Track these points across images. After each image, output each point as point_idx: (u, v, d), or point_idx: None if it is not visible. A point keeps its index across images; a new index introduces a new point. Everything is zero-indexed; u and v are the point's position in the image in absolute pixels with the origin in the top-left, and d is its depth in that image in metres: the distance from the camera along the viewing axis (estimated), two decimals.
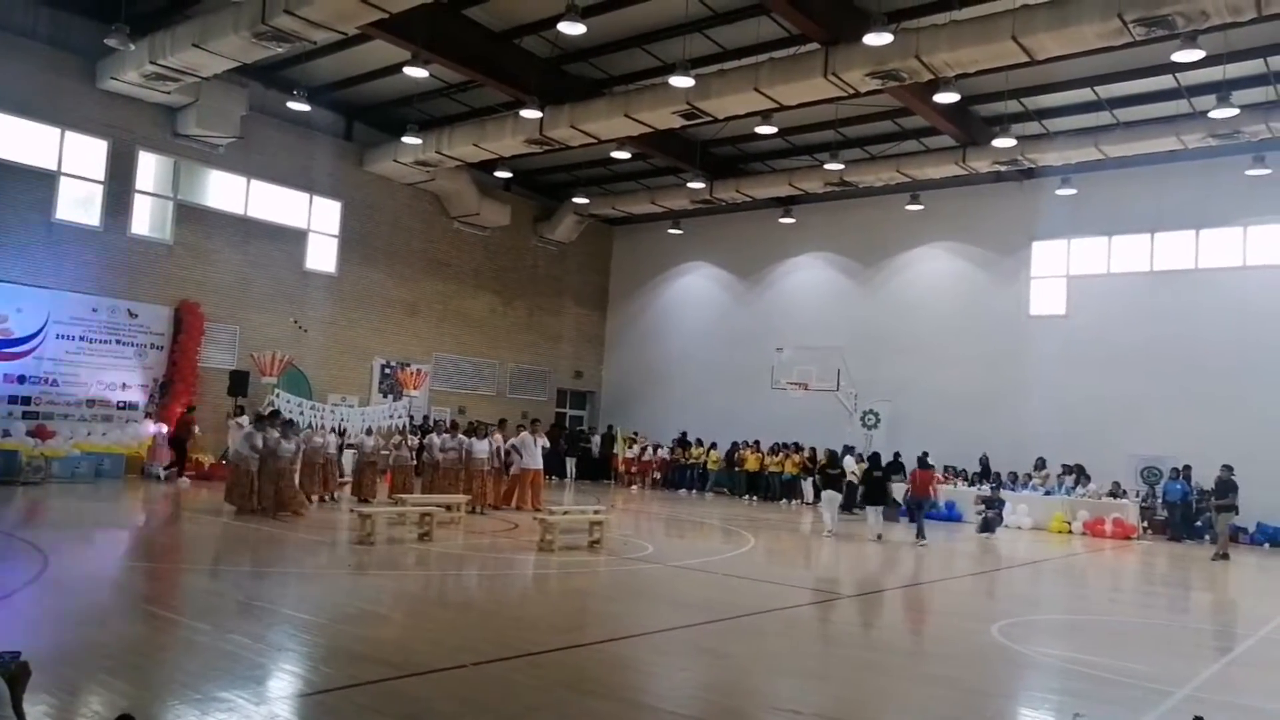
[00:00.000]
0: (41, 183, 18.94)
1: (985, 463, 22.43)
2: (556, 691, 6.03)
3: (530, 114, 19.38)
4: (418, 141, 21.75)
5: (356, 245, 24.59)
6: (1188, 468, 20.00)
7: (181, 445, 19.50)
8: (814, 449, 23.17)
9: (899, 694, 6.71)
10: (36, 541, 10.58)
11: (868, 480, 17.75)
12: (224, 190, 21.93)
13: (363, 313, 24.76)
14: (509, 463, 17.97)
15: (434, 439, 17.72)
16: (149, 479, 18.89)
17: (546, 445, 19.23)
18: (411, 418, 22.96)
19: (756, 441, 25.75)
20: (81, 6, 18.92)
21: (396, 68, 19.24)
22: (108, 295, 19.69)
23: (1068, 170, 21.84)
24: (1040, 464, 22.09)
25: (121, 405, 19.81)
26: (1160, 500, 20.51)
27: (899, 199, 24.47)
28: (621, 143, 22.08)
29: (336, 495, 17.25)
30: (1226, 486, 17.13)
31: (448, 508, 14.77)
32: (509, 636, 7.42)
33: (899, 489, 20.23)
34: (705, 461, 26.66)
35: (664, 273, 30.72)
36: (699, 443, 27.13)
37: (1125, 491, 20.59)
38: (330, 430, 18.90)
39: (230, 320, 21.73)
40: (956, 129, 20.39)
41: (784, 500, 24.25)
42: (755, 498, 24.68)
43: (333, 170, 23.88)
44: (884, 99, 18.94)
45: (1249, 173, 19.74)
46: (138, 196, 20.45)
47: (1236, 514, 17.52)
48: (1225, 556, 16.44)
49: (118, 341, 19.81)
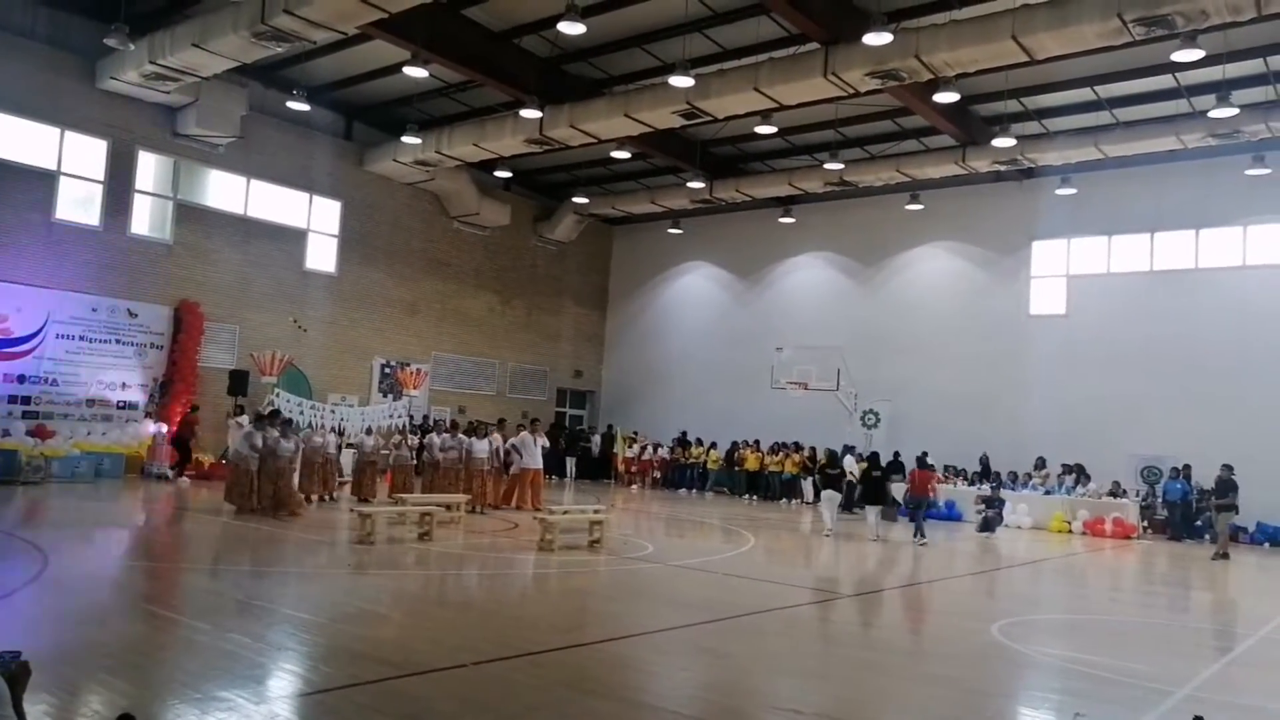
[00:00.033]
0: (41, 182, 18.94)
1: (985, 462, 22.43)
2: (556, 691, 6.03)
3: (530, 114, 19.39)
4: (417, 141, 21.75)
5: (356, 245, 24.60)
6: (1188, 467, 20.00)
7: (185, 445, 19.50)
8: (814, 448, 23.17)
9: (899, 693, 6.71)
10: (36, 541, 10.59)
11: (867, 480, 17.76)
12: (224, 190, 21.94)
13: (363, 312, 24.77)
14: (509, 462, 17.99)
15: (434, 439, 17.72)
16: (149, 479, 18.89)
17: (546, 445, 19.25)
18: (411, 417, 22.98)
19: (756, 441, 25.75)
20: (81, 6, 18.92)
21: (396, 67, 19.24)
22: (107, 295, 19.70)
23: (1068, 170, 21.84)
24: (1040, 464, 22.09)
25: (121, 405, 19.81)
26: (1160, 500, 20.51)
27: (899, 199, 24.46)
28: (621, 142, 22.08)
29: (335, 495, 17.25)
30: (1226, 486, 17.13)
31: (448, 507, 14.77)
32: (509, 636, 7.42)
33: (899, 489, 20.22)
34: (705, 461, 26.66)
35: (664, 272, 30.72)
36: (699, 442, 27.14)
37: (1125, 491, 20.59)
38: (330, 430, 18.90)
39: (230, 320, 21.74)
40: (956, 129, 20.39)
41: (784, 500, 24.25)
42: (755, 497, 24.67)
43: (332, 170, 23.88)
44: (884, 99, 18.94)
45: (1249, 172, 19.75)
46: (137, 196, 20.45)
47: (1236, 513, 17.52)
48: (1225, 556, 16.44)
49: (117, 341, 19.82)
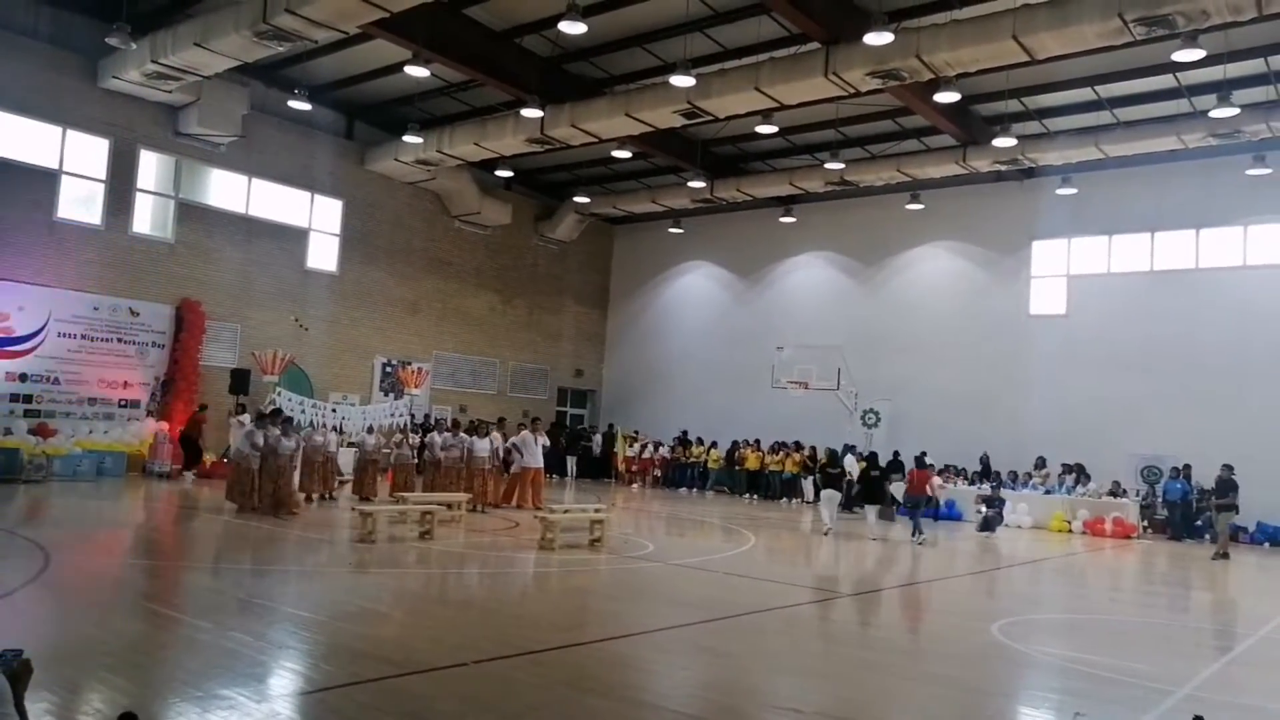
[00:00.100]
0: (43, 181, 18.96)
1: (986, 462, 22.43)
2: (557, 690, 6.04)
3: (531, 113, 19.39)
4: (419, 140, 21.76)
5: (358, 244, 24.62)
6: (1188, 467, 20.00)
7: (193, 443, 19.52)
8: (814, 448, 23.18)
9: (899, 693, 6.72)
10: (38, 539, 10.59)
11: (865, 479, 17.80)
12: (225, 189, 21.95)
13: (364, 311, 24.79)
14: (509, 461, 18.00)
15: (435, 437, 17.73)
16: (150, 477, 18.91)
17: (547, 444, 19.26)
18: (412, 416, 23.02)
19: (757, 440, 25.75)
20: (83, 5, 18.94)
21: (397, 67, 19.25)
22: (109, 294, 19.72)
23: (1068, 170, 21.84)
24: (1040, 463, 22.09)
25: (123, 404, 19.84)
26: (1160, 499, 20.51)
27: (899, 198, 24.46)
28: (622, 142, 22.09)
29: (334, 494, 17.27)
30: (1227, 486, 17.13)
31: (449, 506, 14.80)
32: (510, 634, 7.43)
33: (899, 488, 20.20)
34: (706, 460, 26.67)
35: (664, 272, 30.73)
36: (699, 441, 27.15)
37: (1125, 491, 20.59)
38: (331, 429, 18.92)
39: (232, 319, 21.76)
40: (957, 128, 20.39)
41: (784, 499, 24.26)
42: (755, 496, 24.68)
43: (334, 169, 23.89)
44: (884, 98, 18.94)
45: (1249, 172, 19.75)
46: (139, 195, 20.48)
47: (1237, 513, 17.51)
48: (1225, 556, 16.45)
49: (119, 340, 19.84)
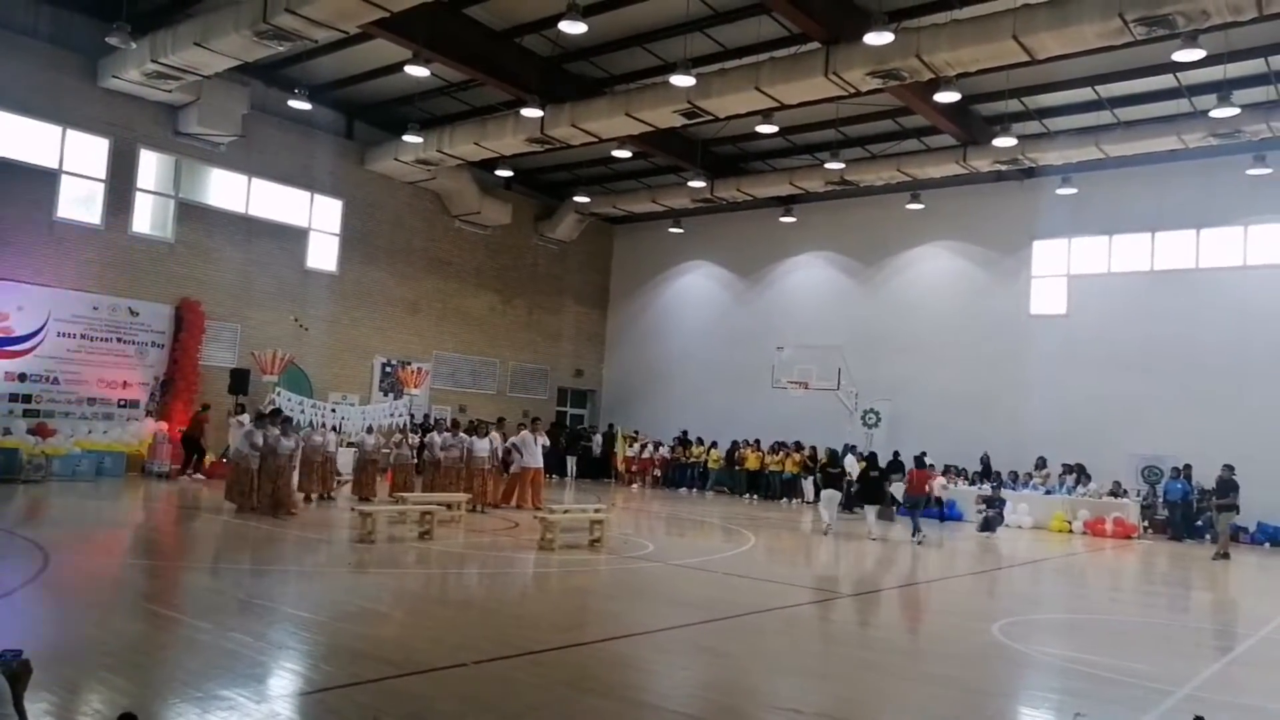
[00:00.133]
0: (43, 181, 18.95)
1: (986, 462, 22.43)
2: (557, 690, 6.03)
3: (531, 113, 19.39)
4: (419, 140, 21.75)
5: (357, 244, 24.61)
6: (1188, 467, 20.00)
7: (197, 443, 19.50)
8: (814, 448, 23.17)
9: (899, 693, 6.72)
10: (37, 539, 10.59)
11: (864, 480, 17.81)
12: (225, 188, 21.94)
13: (364, 311, 24.78)
14: (508, 461, 18.00)
15: (434, 437, 17.72)
16: (150, 477, 18.90)
17: (547, 444, 19.25)
18: (412, 416, 23.01)
19: (757, 440, 25.75)
20: (83, 5, 18.93)
21: (397, 66, 19.24)
22: (109, 293, 19.71)
23: (1068, 169, 21.83)
24: (1041, 463, 22.09)
25: (122, 403, 19.83)
26: (1161, 500, 20.51)
27: (899, 198, 24.46)
28: (622, 141, 22.09)
29: (333, 494, 17.26)
30: (1227, 486, 17.13)
31: (448, 506, 14.79)
32: (510, 635, 7.43)
33: (899, 488, 20.19)
34: (706, 460, 26.67)
35: (664, 272, 30.72)
36: (699, 441, 27.15)
37: (1126, 491, 20.59)
38: (330, 429, 18.91)
39: (231, 318, 21.75)
40: (957, 128, 20.39)
41: (784, 499, 24.26)
42: (755, 496, 24.67)
43: (334, 169, 23.88)
44: (885, 98, 18.93)
45: (1250, 172, 19.75)
46: (139, 195, 20.46)
47: (1237, 513, 17.51)
48: (1226, 556, 16.45)
49: (119, 340, 19.83)
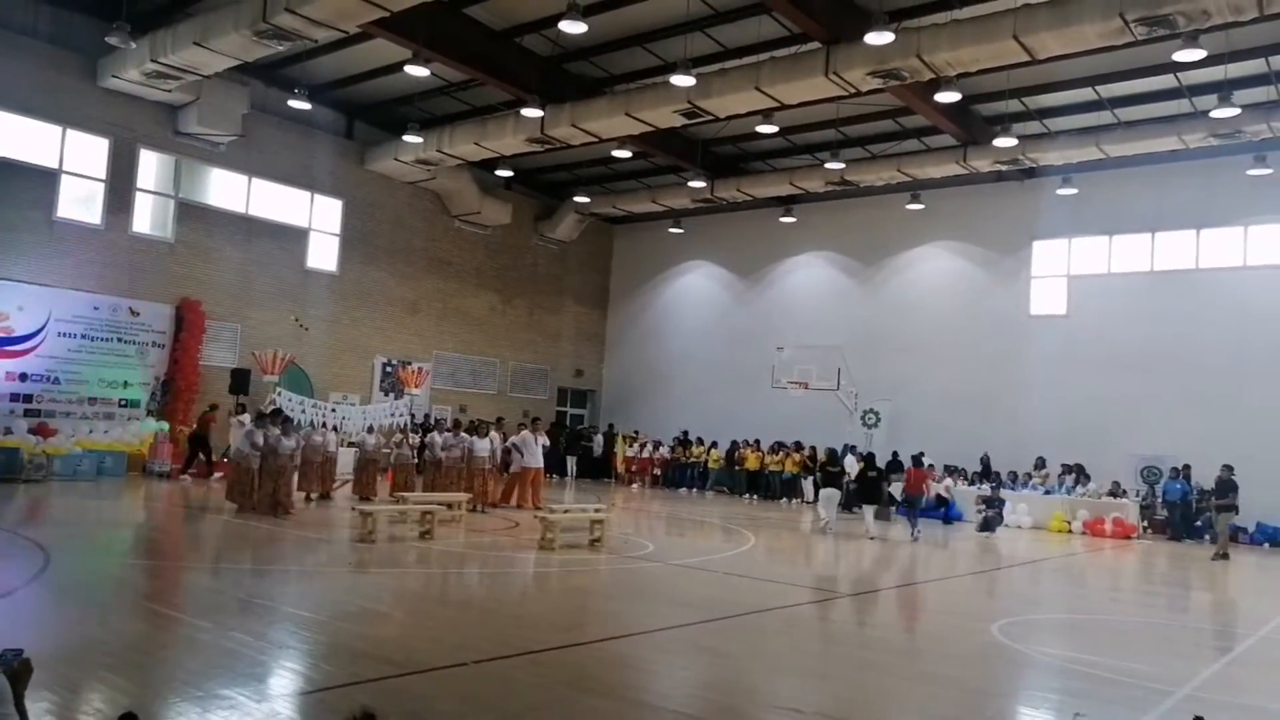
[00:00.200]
0: (43, 181, 18.95)
1: (986, 462, 22.43)
2: (557, 690, 6.04)
3: (531, 113, 19.39)
4: (419, 140, 21.75)
5: (358, 244, 24.61)
6: (1187, 467, 20.00)
7: (205, 443, 19.50)
8: (814, 448, 23.17)
9: (899, 693, 6.72)
10: (38, 539, 10.59)
11: (862, 479, 17.84)
12: (225, 188, 21.95)
13: (364, 311, 24.78)
14: (507, 461, 18.00)
15: (435, 437, 17.73)
16: (150, 477, 18.90)
17: (547, 444, 19.26)
18: (412, 416, 23.01)
19: (757, 440, 25.75)
20: (83, 5, 18.93)
21: (397, 66, 19.23)
22: (109, 293, 19.71)
23: (1069, 170, 21.83)
24: (1040, 463, 22.09)
25: (123, 403, 19.83)
26: (1160, 500, 20.51)
27: (900, 198, 24.46)
28: (622, 141, 22.08)
29: (332, 494, 17.26)
30: (1227, 486, 17.13)
31: (449, 506, 14.79)
32: (510, 634, 7.43)
33: (899, 488, 20.20)
34: (706, 460, 26.68)
35: (664, 272, 30.72)
36: (699, 441, 27.16)
37: (1125, 491, 20.59)
38: (330, 428, 18.92)
39: (232, 318, 21.75)
40: (957, 128, 20.39)
41: (784, 499, 24.26)
42: (755, 496, 24.68)
43: (334, 169, 23.88)
44: (885, 98, 18.92)
45: (1250, 172, 19.75)
46: (139, 194, 20.47)
47: (1236, 514, 17.51)
48: (1225, 556, 16.45)
49: (119, 339, 19.83)
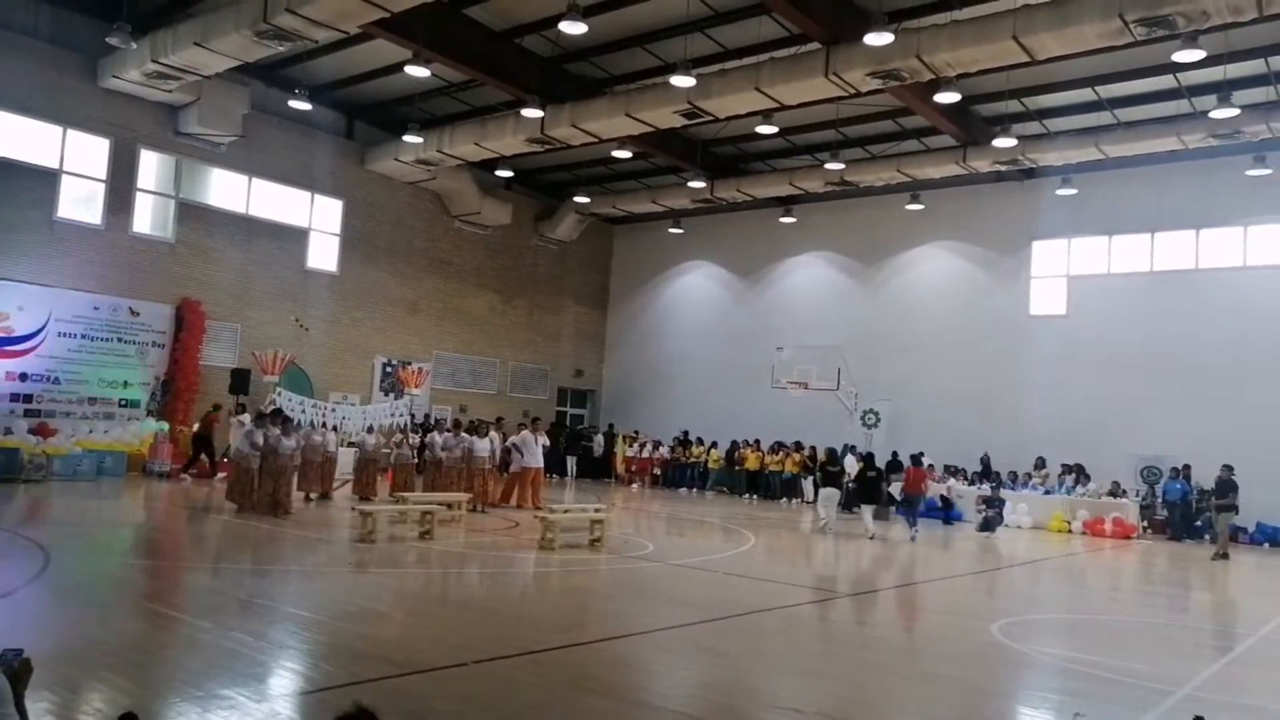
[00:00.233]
0: (43, 181, 18.96)
1: (986, 462, 22.43)
2: (557, 690, 6.04)
3: (531, 113, 19.39)
4: (419, 140, 21.76)
5: (358, 244, 24.62)
6: (1187, 467, 20.01)
7: (208, 443, 19.51)
8: (814, 448, 23.18)
9: (899, 693, 6.73)
10: (38, 539, 10.60)
11: (861, 479, 17.85)
12: (225, 189, 21.95)
13: (364, 311, 24.78)
14: (507, 461, 18.01)
15: (435, 437, 17.73)
16: (150, 477, 18.91)
17: (547, 444, 19.26)
18: (412, 416, 23.01)
19: (757, 440, 25.76)
20: (83, 5, 18.93)
21: (398, 67, 19.23)
22: (109, 293, 19.72)
23: (1068, 170, 21.83)
24: (1040, 463, 22.10)
25: (123, 403, 19.84)
26: (1160, 500, 20.52)
27: (899, 198, 24.46)
28: (622, 142, 22.09)
29: (331, 493, 17.25)
30: (1226, 486, 17.13)
31: (449, 506, 14.80)
32: (510, 634, 7.44)
33: (898, 487, 20.21)
34: (706, 460, 26.68)
35: (664, 272, 30.73)
36: (699, 441, 27.16)
37: (1125, 491, 20.59)
38: (330, 428, 18.92)
39: (232, 318, 21.76)
40: (957, 129, 20.39)
41: (784, 499, 24.27)
42: (755, 496, 24.69)
43: (334, 169, 23.89)
44: (885, 99, 18.93)
45: (1249, 173, 19.75)
46: (139, 195, 20.47)
47: (1236, 514, 17.52)
48: (1225, 556, 16.45)
49: (119, 340, 19.83)
